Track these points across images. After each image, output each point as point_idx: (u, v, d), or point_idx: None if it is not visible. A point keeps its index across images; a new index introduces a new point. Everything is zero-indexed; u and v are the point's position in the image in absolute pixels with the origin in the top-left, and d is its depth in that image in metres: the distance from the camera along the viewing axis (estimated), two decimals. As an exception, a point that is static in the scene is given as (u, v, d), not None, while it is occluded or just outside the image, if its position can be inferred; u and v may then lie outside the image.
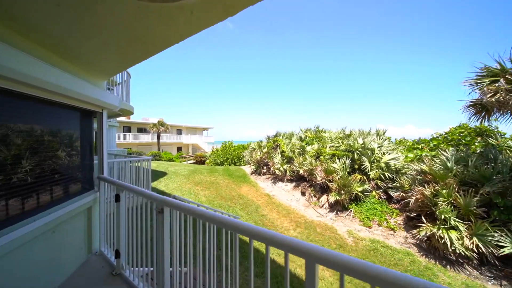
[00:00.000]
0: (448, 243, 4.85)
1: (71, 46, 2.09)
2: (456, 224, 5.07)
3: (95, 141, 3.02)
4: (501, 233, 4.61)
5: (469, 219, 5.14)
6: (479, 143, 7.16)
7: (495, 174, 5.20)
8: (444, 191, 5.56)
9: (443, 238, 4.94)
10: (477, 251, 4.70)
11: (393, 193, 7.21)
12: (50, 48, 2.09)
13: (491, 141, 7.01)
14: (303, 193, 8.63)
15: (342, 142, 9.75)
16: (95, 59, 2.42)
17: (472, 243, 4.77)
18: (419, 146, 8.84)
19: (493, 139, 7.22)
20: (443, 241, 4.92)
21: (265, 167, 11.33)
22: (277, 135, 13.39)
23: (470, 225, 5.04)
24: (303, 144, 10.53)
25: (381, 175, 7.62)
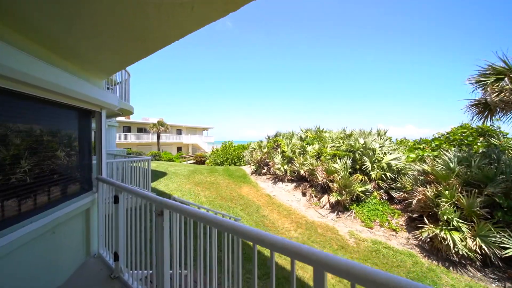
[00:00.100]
0: (451, 244, 4.79)
1: (69, 45, 2.04)
2: (459, 225, 5.02)
3: (94, 141, 2.97)
4: (505, 234, 4.56)
5: (471, 220, 5.08)
6: (481, 143, 7.11)
7: (499, 175, 5.15)
8: (446, 191, 5.51)
9: (446, 240, 4.89)
10: (480, 252, 4.65)
11: (394, 193, 7.15)
12: (48, 46, 2.04)
13: (494, 141, 6.96)
14: (304, 194, 8.57)
15: (343, 142, 9.69)
16: (93, 57, 2.37)
17: (476, 244, 4.72)
18: (420, 146, 8.79)
19: (495, 139, 7.17)
20: (446, 242, 4.86)
21: (265, 167, 11.27)
22: (277, 135, 13.33)
23: (473, 226, 4.99)
24: (303, 144, 10.47)
25: (382, 175, 7.57)
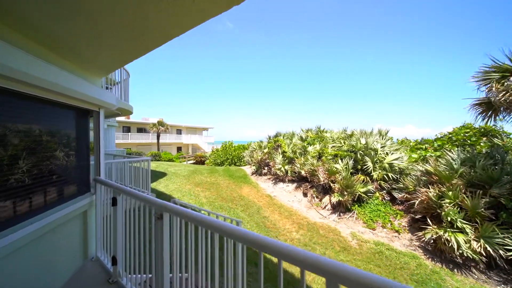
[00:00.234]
0: (455, 246, 4.72)
1: (67, 43, 1.97)
2: (463, 226, 4.95)
3: (92, 141, 2.90)
4: (509, 236, 4.49)
5: (475, 221, 5.01)
6: (484, 143, 7.04)
7: (504, 176, 5.07)
8: (450, 192, 5.43)
9: (450, 241, 4.82)
10: (485, 254, 4.58)
11: (397, 194, 7.08)
12: (45, 44, 1.98)
13: (497, 141, 6.89)
14: (305, 194, 8.50)
15: (344, 142, 9.62)
16: (91, 55, 2.30)
17: (480, 246, 4.65)
18: (423, 147, 8.72)
19: (498, 139, 7.10)
20: (450, 244, 4.79)
21: (266, 168, 11.20)
22: (277, 135, 13.26)
23: (477, 227, 4.92)
24: (304, 144, 10.40)
25: (384, 175, 7.50)
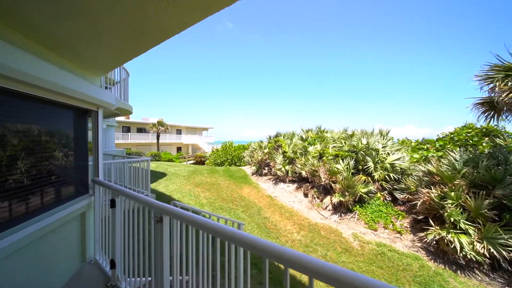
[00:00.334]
0: (458, 247, 4.67)
1: (62, 39, 1.91)
2: (466, 228, 4.89)
3: (90, 141, 2.84)
4: (513, 237, 4.44)
5: (478, 222, 4.96)
6: (486, 144, 6.99)
7: (507, 176, 5.02)
8: (452, 193, 5.38)
9: (453, 243, 4.76)
10: (488, 256, 4.53)
11: (398, 194, 7.03)
12: (43, 43, 1.92)
13: (499, 141, 6.84)
14: (306, 195, 8.45)
15: (345, 143, 9.57)
16: (89, 54, 2.24)
17: (483, 247, 4.59)
18: (424, 147, 8.67)
19: (500, 139, 7.05)
20: (453, 245, 4.74)
21: (266, 168, 11.14)
22: (278, 135, 13.20)
23: (479, 228, 4.87)
24: (305, 144, 10.35)
25: (386, 176, 7.44)
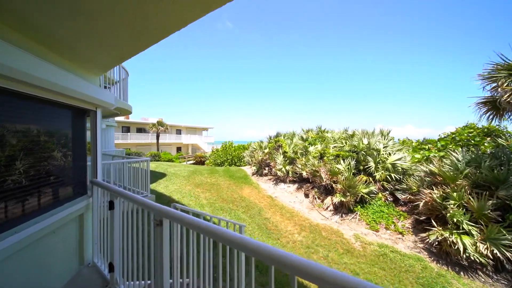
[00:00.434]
0: (461, 249, 4.62)
1: (62, 39, 1.87)
2: (469, 228, 4.85)
3: (89, 141, 2.79)
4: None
5: (480, 223, 4.91)
6: (488, 144, 6.94)
7: (510, 176, 4.98)
8: (454, 193, 5.34)
9: (456, 244, 4.72)
10: (491, 257, 4.48)
11: (400, 195, 6.98)
12: (40, 41, 1.87)
13: (501, 141, 6.79)
14: (307, 195, 8.40)
15: (346, 143, 9.52)
16: (88, 52, 2.19)
17: (486, 248, 4.55)
18: (426, 147, 8.62)
19: (502, 139, 7.00)
20: (456, 246, 4.69)
21: (266, 168, 11.08)
22: (278, 135, 13.15)
23: (482, 228, 4.82)
24: (305, 144, 10.30)
25: (387, 176, 7.39)
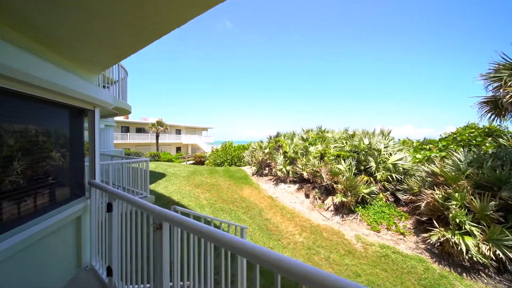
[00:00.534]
0: (464, 250, 4.58)
1: (62, 38, 1.82)
2: (472, 229, 4.81)
3: (87, 142, 2.73)
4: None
5: (482, 223, 4.87)
6: (490, 144, 6.91)
7: (512, 177, 4.94)
8: (456, 194, 5.30)
9: (458, 245, 4.68)
10: (494, 258, 4.44)
11: (401, 195, 6.94)
12: (39, 40, 1.82)
13: (503, 141, 6.76)
14: (307, 195, 8.35)
15: (346, 143, 9.48)
16: (87, 51, 2.14)
17: (489, 249, 4.51)
18: (427, 147, 8.58)
19: (504, 139, 6.97)
20: (459, 247, 4.65)
21: (267, 168, 11.03)
22: (278, 135, 13.10)
23: (484, 229, 4.78)
24: (306, 144, 10.25)
25: (388, 176, 7.35)
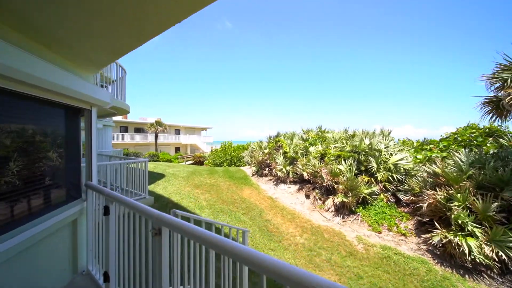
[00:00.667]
0: (467, 251, 4.53)
1: (59, 36, 1.74)
2: (474, 230, 4.77)
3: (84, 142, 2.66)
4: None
5: (485, 224, 4.83)
6: (491, 144, 6.88)
7: (515, 177, 4.91)
8: (458, 195, 5.25)
9: (460, 246, 4.63)
10: (497, 259, 4.40)
11: (402, 196, 6.90)
12: (39, 40, 1.74)
13: (504, 142, 6.74)
14: (308, 196, 8.29)
15: (346, 143, 9.43)
16: (81, 46, 2.06)
17: (492, 250, 4.47)
18: (427, 147, 8.55)
19: (505, 140, 6.95)
20: (461, 249, 4.60)
21: (266, 168, 10.97)
22: (278, 135, 13.04)
23: (487, 230, 4.74)
24: (306, 144, 10.20)
25: (389, 177, 7.31)
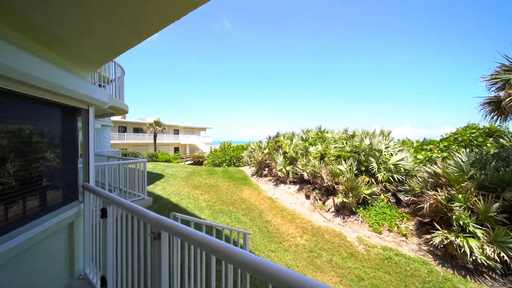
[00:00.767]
0: (468, 252, 4.50)
1: (59, 36, 1.69)
2: (475, 231, 4.74)
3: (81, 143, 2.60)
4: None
5: (487, 225, 4.81)
6: (491, 144, 6.87)
7: (516, 178, 4.88)
8: (460, 195, 5.23)
9: (462, 247, 4.60)
10: (499, 260, 4.38)
11: (402, 196, 6.87)
12: (39, 40, 1.69)
13: (504, 142, 6.72)
14: (308, 196, 8.25)
15: (346, 143, 9.40)
16: (81, 46, 2.01)
17: (493, 251, 4.44)
18: (427, 147, 8.53)
19: (505, 140, 6.93)
20: (463, 250, 4.57)
21: (266, 169, 10.92)
22: (278, 135, 13.00)
23: (488, 231, 4.72)
24: (306, 144, 10.16)
25: (389, 177, 7.28)
